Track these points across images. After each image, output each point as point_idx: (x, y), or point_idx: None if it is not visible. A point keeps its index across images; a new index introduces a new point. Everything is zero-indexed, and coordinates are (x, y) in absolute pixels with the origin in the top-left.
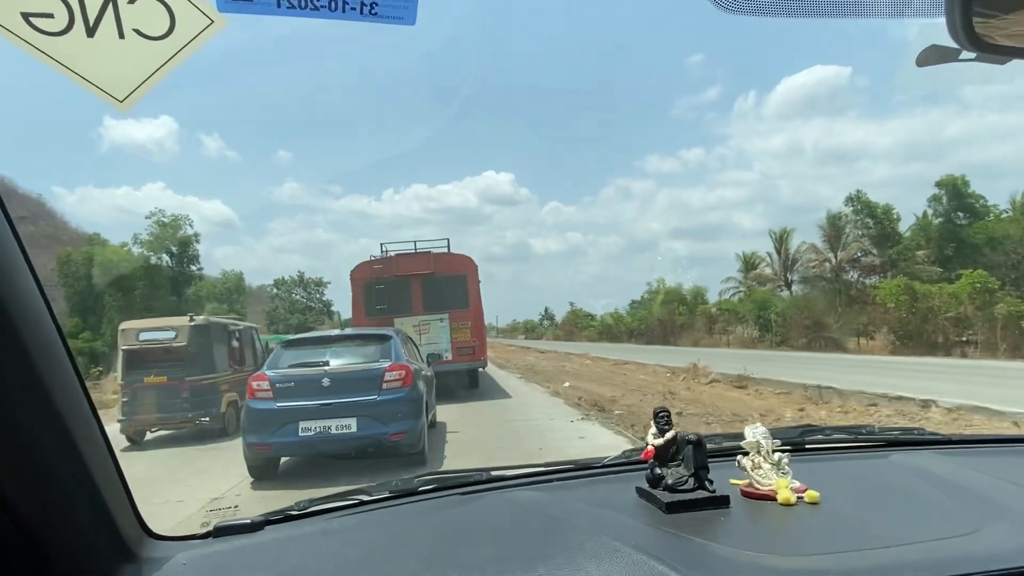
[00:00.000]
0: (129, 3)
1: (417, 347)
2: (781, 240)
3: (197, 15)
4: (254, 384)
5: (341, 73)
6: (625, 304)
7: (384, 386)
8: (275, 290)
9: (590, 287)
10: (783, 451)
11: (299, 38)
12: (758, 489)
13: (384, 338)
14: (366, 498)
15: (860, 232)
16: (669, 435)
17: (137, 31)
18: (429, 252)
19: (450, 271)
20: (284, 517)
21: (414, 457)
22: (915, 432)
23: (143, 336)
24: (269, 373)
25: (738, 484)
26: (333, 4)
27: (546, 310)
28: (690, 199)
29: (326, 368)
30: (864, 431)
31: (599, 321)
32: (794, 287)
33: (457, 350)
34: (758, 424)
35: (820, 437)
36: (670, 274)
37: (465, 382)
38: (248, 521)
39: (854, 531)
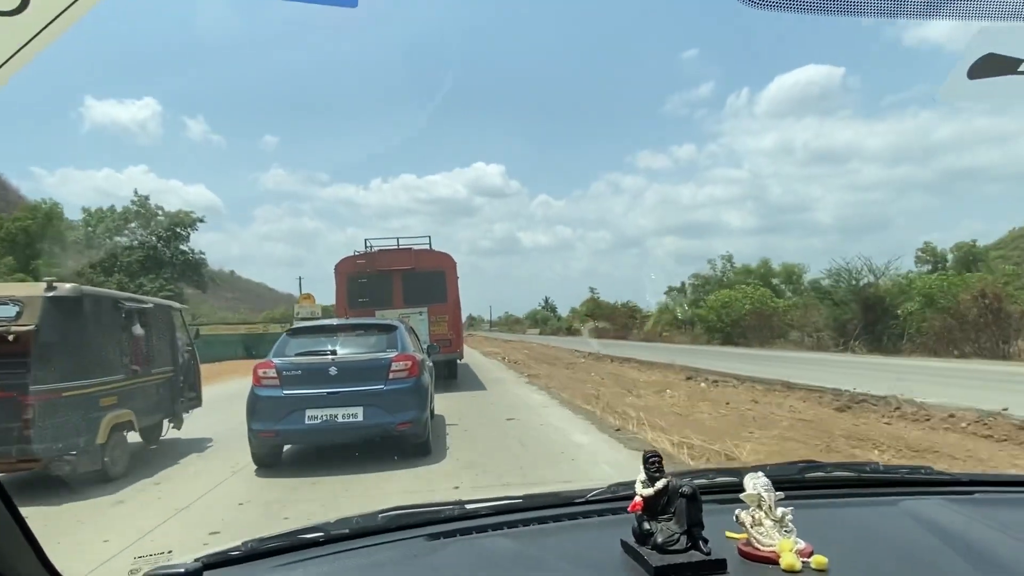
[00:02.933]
0: None
1: (419, 338)
2: None
3: None
4: (260, 372)
5: (329, 60)
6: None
7: (391, 376)
8: (89, 229)
9: (577, 282)
10: (787, 503)
11: (288, 24)
12: (758, 550)
13: (390, 328)
14: (321, 537)
15: None
16: (660, 484)
17: None
18: (410, 248)
19: (430, 267)
20: (225, 560)
21: (419, 447)
22: (923, 471)
23: None
24: (276, 360)
25: (735, 538)
26: None
27: (547, 300)
28: (680, 196)
29: (333, 357)
30: (868, 469)
31: (719, 302)
32: None
33: (435, 342)
34: (759, 473)
35: (822, 475)
36: (659, 272)
37: (444, 373)
38: (182, 570)
39: None
